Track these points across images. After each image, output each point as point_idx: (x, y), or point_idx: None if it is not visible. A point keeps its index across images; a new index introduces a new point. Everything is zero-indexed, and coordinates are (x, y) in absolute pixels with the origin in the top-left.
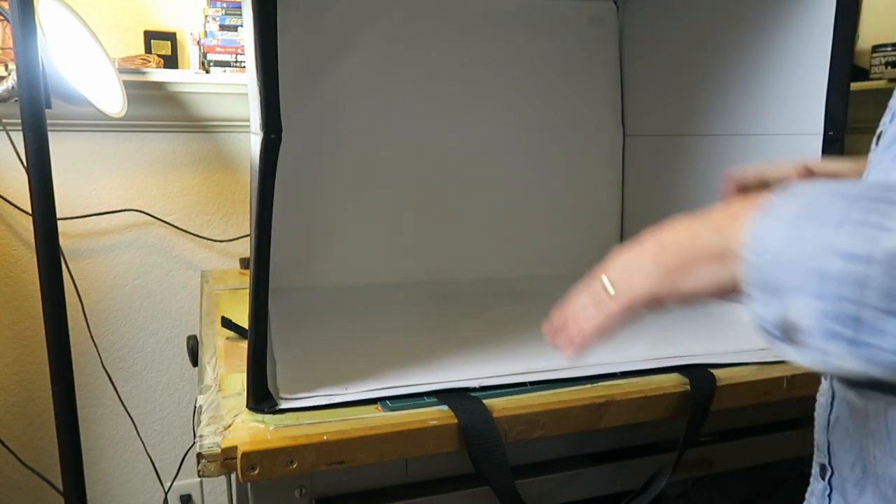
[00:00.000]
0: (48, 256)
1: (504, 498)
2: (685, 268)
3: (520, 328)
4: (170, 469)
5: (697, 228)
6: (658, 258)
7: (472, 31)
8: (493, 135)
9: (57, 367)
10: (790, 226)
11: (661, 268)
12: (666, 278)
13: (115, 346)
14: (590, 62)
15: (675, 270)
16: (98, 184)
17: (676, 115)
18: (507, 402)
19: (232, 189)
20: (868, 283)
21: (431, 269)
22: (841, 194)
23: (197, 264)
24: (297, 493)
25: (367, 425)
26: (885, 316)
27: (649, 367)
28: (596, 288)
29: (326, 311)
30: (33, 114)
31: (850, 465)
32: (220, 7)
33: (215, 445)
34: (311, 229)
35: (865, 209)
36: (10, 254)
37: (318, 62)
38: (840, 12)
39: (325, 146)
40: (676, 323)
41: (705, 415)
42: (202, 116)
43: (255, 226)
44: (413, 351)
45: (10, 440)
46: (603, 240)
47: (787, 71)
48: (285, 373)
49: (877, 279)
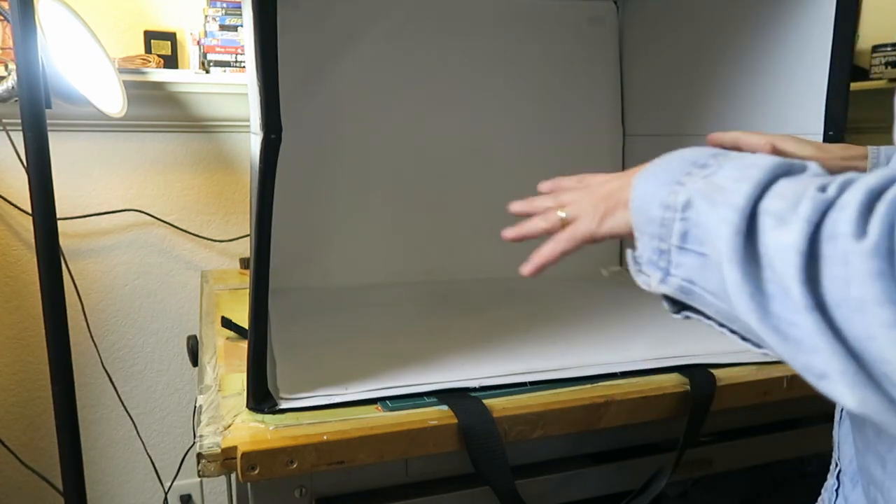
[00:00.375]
0: (48, 256)
1: (504, 498)
2: (611, 214)
3: (520, 328)
4: (170, 469)
5: (623, 182)
6: (597, 206)
7: (472, 32)
8: (493, 134)
9: (57, 367)
10: (647, 181)
11: (597, 213)
12: (601, 222)
13: (115, 346)
14: (590, 62)
15: (606, 216)
16: (98, 184)
17: (676, 115)
18: (507, 402)
19: (232, 189)
20: (672, 227)
21: (431, 269)
22: (683, 159)
23: (197, 264)
24: (297, 493)
25: (367, 425)
26: (680, 251)
27: (649, 367)
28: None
29: (326, 311)
30: (33, 114)
31: (848, 460)
32: (220, 7)
33: (215, 445)
34: (311, 229)
35: (685, 172)
36: (10, 254)
37: (318, 62)
38: (840, 12)
39: (325, 146)
40: (676, 323)
41: (705, 415)
42: (202, 116)
43: (255, 226)
44: (413, 351)
45: (10, 440)
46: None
47: (787, 71)
48: (285, 373)
49: (676, 224)
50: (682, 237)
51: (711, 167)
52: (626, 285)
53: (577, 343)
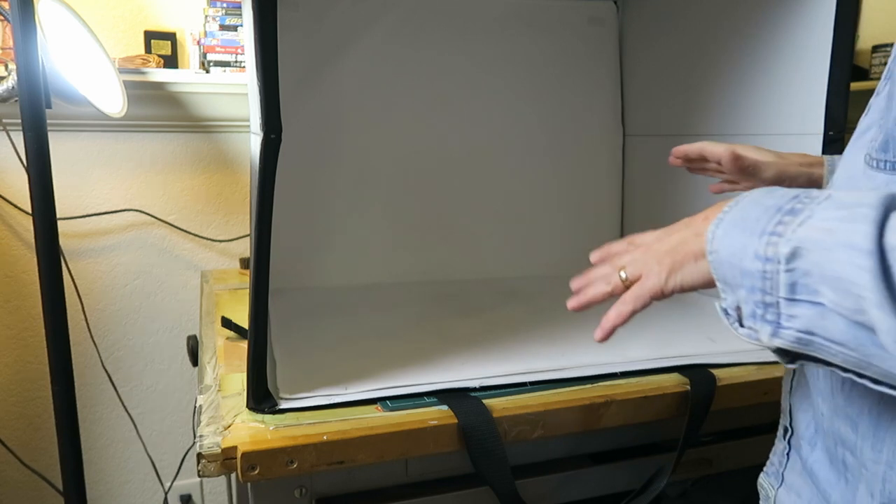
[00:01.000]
0: (48, 256)
1: (504, 498)
2: (679, 268)
3: (520, 328)
4: (170, 469)
5: (685, 235)
6: (661, 261)
7: (472, 32)
8: (493, 134)
9: (57, 367)
10: (730, 233)
11: (664, 269)
12: (669, 277)
13: (115, 346)
14: (590, 62)
15: (674, 271)
16: (98, 184)
17: (676, 115)
18: (507, 402)
19: (232, 189)
20: (776, 279)
21: (431, 269)
22: (765, 206)
23: (197, 264)
24: (297, 493)
25: (367, 425)
26: (790, 303)
27: (649, 367)
28: (614, 278)
29: (326, 311)
30: (33, 114)
31: (805, 425)
32: (220, 7)
33: (215, 445)
34: (311, 229)
35: (775, 221)
36: (10, 254)
37: (318, 62)
38: (840, 12)
39: (325, 146)
40: (676, 323)
41: (705, 415)
42: (202, 116)
43: (255, 226)
44: (413, 351)
45: (10, 440)
46: (603, 240)
47: (787, 71)
48: (285, 373)
49: (781, 275)
50: (790, 289)
51: (803, 212)
52: None
53: (577, 343)
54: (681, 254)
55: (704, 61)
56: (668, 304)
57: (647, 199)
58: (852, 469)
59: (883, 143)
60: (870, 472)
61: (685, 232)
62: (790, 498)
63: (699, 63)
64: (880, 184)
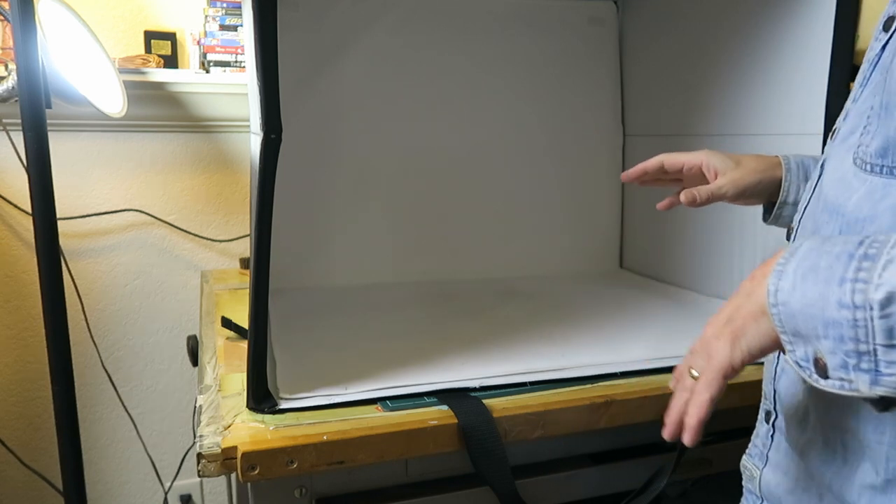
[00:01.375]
0: (48, 256)
1: (504, 498)
2: (742, 334)
3: (520, 328)
4: (170, 469)
5: (738, 301)
6: (721, 336)
7: (472, 32)
8: (493, 134)
9: (57, 367)
10: (800, 285)
11: (726, 342)
12: (733, 348)
13: (115, 346)
14: (590, 62)
15: (737, 338)
16: (98, 184)
17: (676, 115)
18: (507, 402)
19: (232, 189)
20: (870, 326)
21: (431, 269)
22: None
23: (197, 264)
24: (297, 493)
25: (367, 425)
26: (889, 349)
27: (649, 367)
28: (686, 381)
29: (326, 311)
30: (33, 114)
31: (794, 408)
32: (220, 7)
33: (215, 445)
34: (311, 229)
35: (854, 268)
36: (10, 254)
37: (318, 62)
38: (840, 12)
39: (325, 146)
40: (676, 323)
41: None
42: (202, 116)
43: (255, 226)
44: (413, 351)
45: (10, 440)
46: (603, 240)
47: (787, 71)
48: (285, 373)
49: (875, 322)
50: (888, 334)
51: (881, 257)
52: (626, 285)
53: (577, 343)
54: (739, 320)
55: (704, 61)
56: (669, 303)
57: (647, 199)
58: (853, 450)
59: (881, 149)
60: (874, 451)
61: (736, 299)
62: (776, 476)
63: (699, 63)
64: (878, 187)
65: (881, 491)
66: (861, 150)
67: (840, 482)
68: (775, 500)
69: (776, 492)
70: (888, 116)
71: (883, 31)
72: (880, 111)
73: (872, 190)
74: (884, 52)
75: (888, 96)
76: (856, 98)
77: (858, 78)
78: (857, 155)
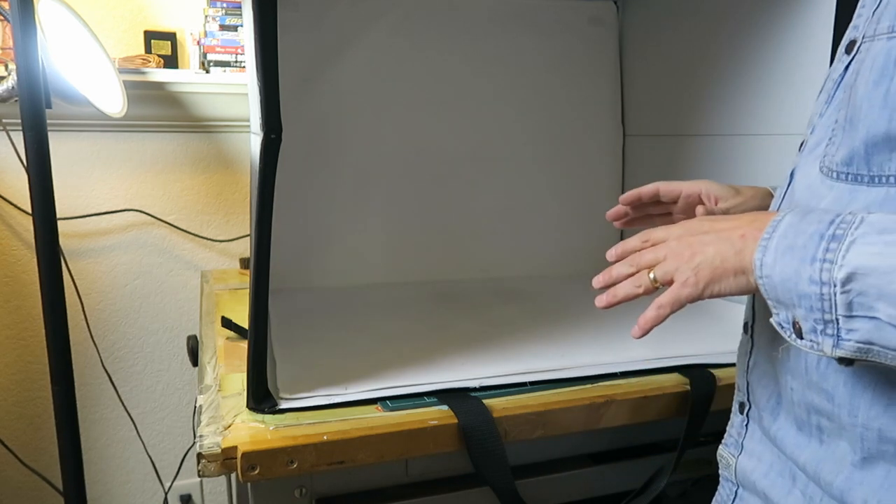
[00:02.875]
0: (48, 256)
1: (504, 498)
2: (718, 280)
3: (520, 328)
4: (170, 469)
5: (723, 250)
6: (699, 272)
7: (472, 32)
8: (493, 134)
9: (57, 367)
10: (780, 261)
11: (701, 280)
12: (706, 287)
13: (115, 346)
14: (590, 62)
15: (712, 282)
16: (98, 184)
17: (676, 115)
18: (507, 402)
19: (232, 189)
20: (834, 300)
21: (431, 269)
22: (808, 234)
23: (197, 264)
24: (297, 493)
25: (367, 425)
26: (848, 319)
27: (649, 367)
28: (644, 279)
29: (326, 311)
30: (33, 114)
31: (766, 398)
32: (220, 7)
33: (215, 445)
34: (311, 229)
35: (823, 248)
36: (10, 254)
37: (318, 62)
38: (840, 12)
39: (325, 146)
40: (676, 323)
41: (705, 415)
42: (202, 116)
43: (255, 226)
44: (413, 351)
45: (10, 440)
46: (603, 240)
47: (787, 71)
48: (285, 373)
49: (838, 297)
50: (847, 307)
51: (845, 238)
52: None
53: (577, 343)
54: (720, 269)
55: (704, 61)
56: None
57: None
58: (829, 431)
59: (846, 158)
60: (848, 431)
61: (721, 246)
62: (751, 463)
63: (699, 63)
64: (844, 192)
65: (859, 467)
66: (827, 159)
67: (815, 463)
68: (750, 485)
69: (751, 477)
70: (852, 129)
71: (845, 54)
72: (845, 124)
73: (840, 196)
74: (846, 72)
75: (852, 110)
76: (822, 113)
77: (823, 96)
78: (824, 164)
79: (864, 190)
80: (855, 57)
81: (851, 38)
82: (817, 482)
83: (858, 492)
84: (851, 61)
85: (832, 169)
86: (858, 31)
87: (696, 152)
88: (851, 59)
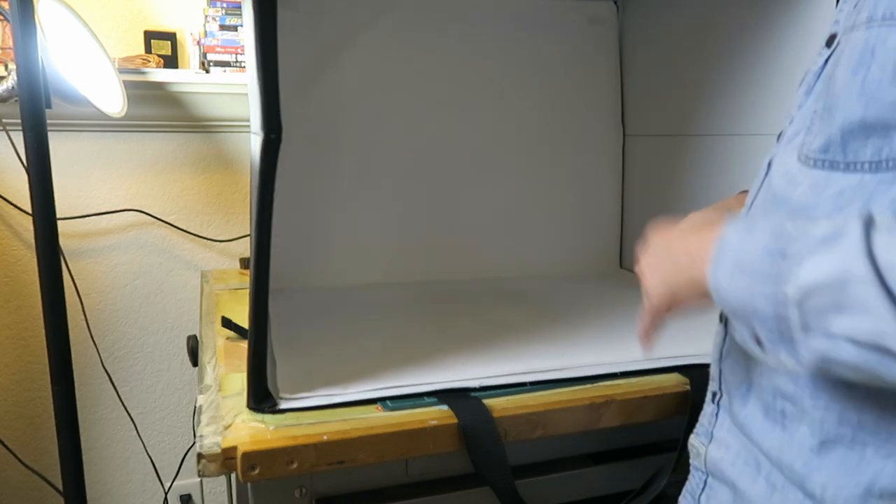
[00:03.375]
0: (48, 256)
1: (504, 498)
2: (678, 300)
3: (520, 328)
4: (170, 469)
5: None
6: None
7: (472, 32)
8: (493, 134)
9: (57, 367)
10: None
11: (662, 298)
12: (672, 299)
13: (115, 346)
14: (590, 62)
15: (672, 302)
16: (98, 184)
17: (676, 115)
18: (507, 402)
19: (232, 189)
20: (789, 318)
21: (431, 269)
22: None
23: (197, 264)
24: (297, 493)
25: (367, 425)
26: (805, 336)
27: (649, 367)
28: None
29: (326, 311)
30: (33, 114)
31: (737, 385)
32: (220, 7)
33: (215, 445)
34: (311, 229)
35: (775, 265)
36: (10, 254)
37: (318, 62)
38: None
39: (325, 146)
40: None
41: None
42: (202, 116)
43: (255, 226)
44: (413, 351)
45: (10, 440)
46: (603, 240)
47: (788, 71)
48: (285, 373)
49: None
50: (803, 326)
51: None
52: (626, 285)
53: (577, 343)
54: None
55: (704, 61)
56: None
57: (647, 199)
58: (791, 417)
59: (823, 146)
60: (810, 416)
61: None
62: (720, 451)
63: (699, 63)
64: (820, 179)
65: (816, 453)
66: (805, 147)
67: (779, 449)
68: (719, 473)
69: (720, 465)
70: (830, 117)
71: (826, 48)
72: (823, 113)
73: (815, 182)
74: (826, 64)
75: (830, 99)
76: (801, 105)
77: (803, 88)
78: (802, 152)
79: (839, 176)
80: (834, 51)
81: (832, 33)
82: (780, 468)
83: (817, 476)
84: (831, 54)
85: (809, 156)
86: (839, 25)
87: (696, 152)
88: (831, 52)
